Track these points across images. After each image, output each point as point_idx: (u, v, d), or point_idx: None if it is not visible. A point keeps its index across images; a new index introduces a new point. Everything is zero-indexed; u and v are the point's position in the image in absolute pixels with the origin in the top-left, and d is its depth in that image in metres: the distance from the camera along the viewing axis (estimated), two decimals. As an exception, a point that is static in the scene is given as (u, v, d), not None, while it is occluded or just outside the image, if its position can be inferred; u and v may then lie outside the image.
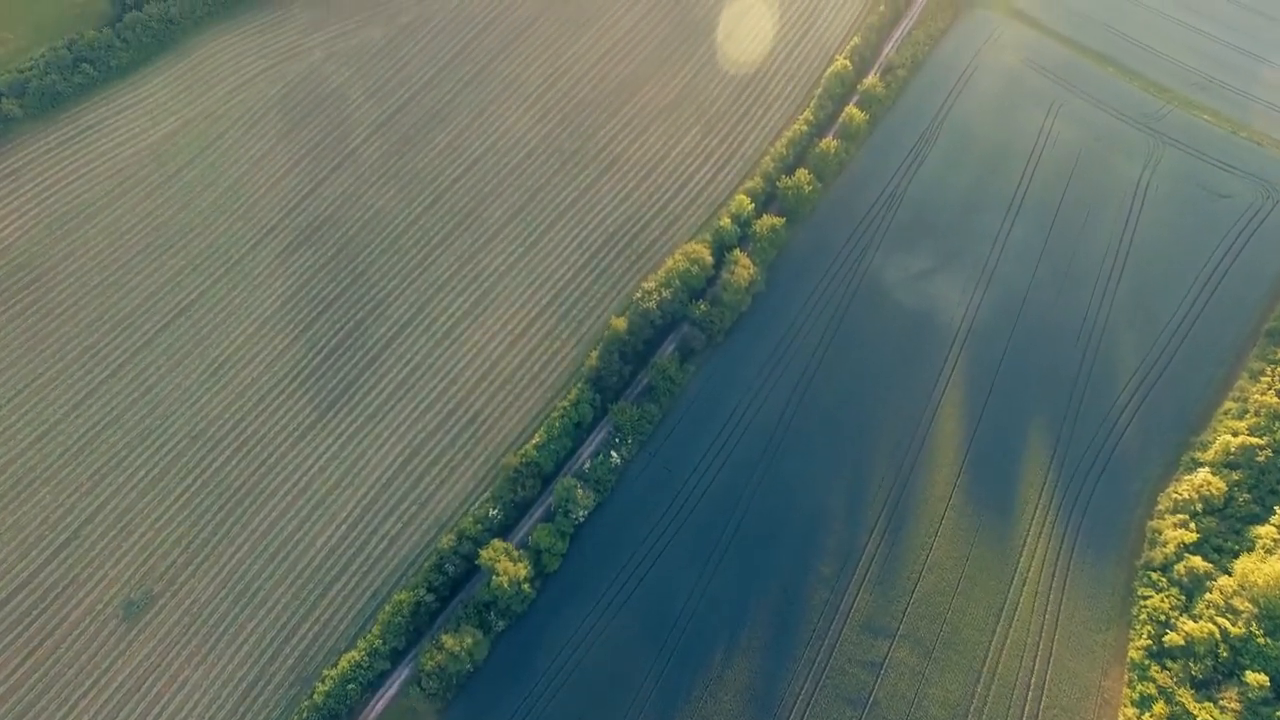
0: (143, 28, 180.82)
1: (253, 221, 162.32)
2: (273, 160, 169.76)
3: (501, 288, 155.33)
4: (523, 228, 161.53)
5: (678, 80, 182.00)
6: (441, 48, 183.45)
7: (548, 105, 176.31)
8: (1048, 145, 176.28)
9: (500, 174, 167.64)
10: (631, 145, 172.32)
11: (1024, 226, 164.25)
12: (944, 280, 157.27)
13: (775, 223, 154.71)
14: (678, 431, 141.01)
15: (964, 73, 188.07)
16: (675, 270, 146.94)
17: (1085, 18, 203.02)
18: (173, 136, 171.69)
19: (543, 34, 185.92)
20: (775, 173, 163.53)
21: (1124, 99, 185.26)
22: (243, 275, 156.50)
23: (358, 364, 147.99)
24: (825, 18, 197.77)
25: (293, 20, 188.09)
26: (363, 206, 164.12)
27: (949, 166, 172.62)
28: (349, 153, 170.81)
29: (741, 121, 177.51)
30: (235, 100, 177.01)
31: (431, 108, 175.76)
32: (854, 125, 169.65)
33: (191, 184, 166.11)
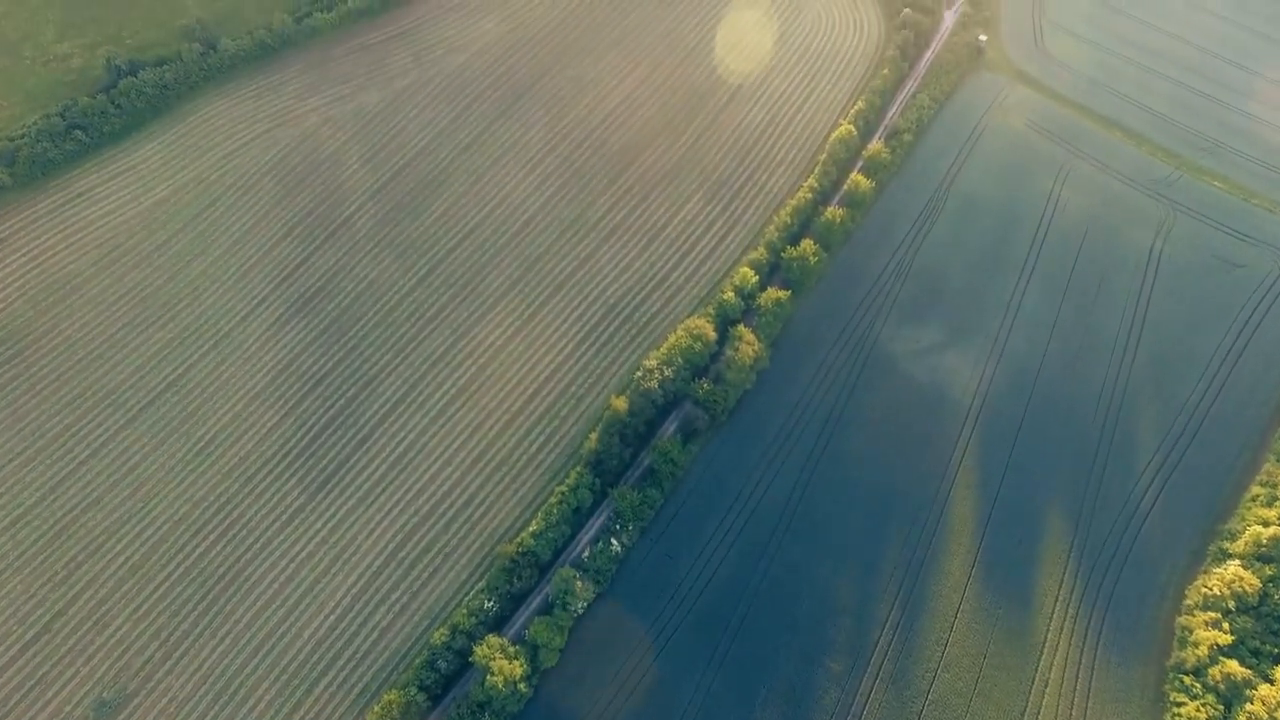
0: (137, 94, 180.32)
1: (244, 292, 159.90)
2: (265, 228, 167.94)
3: (498, 363, 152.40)
4: (520, 300, 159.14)
5: (679, 145, 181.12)
6: (439, 112, 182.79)
7: (546, 171, 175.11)
8: (1057, 212, 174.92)
9: (497, 243, 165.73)
10: (632, 213, 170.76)
11: (1035, 296, 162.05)
12: (954, 353, 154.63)
13: (780, 296, 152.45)
14: (680, 516, 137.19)
15: (970, 137, 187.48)
16: (677, 347, 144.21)
17: (1090, 80, 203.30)
18: (164, 204, 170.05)
19: (541, 98, 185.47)
20: (779, 243, 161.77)
21: (1132, 164, 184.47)
22: (232, 348, 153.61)
23: (349, 443, 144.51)
24: (828, 80, 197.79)
25: (288, 84, 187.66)
26: (356, 277, 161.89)
27: (957, 234, 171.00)
28: (343, 220, 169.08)
29: (744, 188, 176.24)
30: (228, 166, 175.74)
31: (428, 174, 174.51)
32: (860, 192, 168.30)
33: (182, 253, 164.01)
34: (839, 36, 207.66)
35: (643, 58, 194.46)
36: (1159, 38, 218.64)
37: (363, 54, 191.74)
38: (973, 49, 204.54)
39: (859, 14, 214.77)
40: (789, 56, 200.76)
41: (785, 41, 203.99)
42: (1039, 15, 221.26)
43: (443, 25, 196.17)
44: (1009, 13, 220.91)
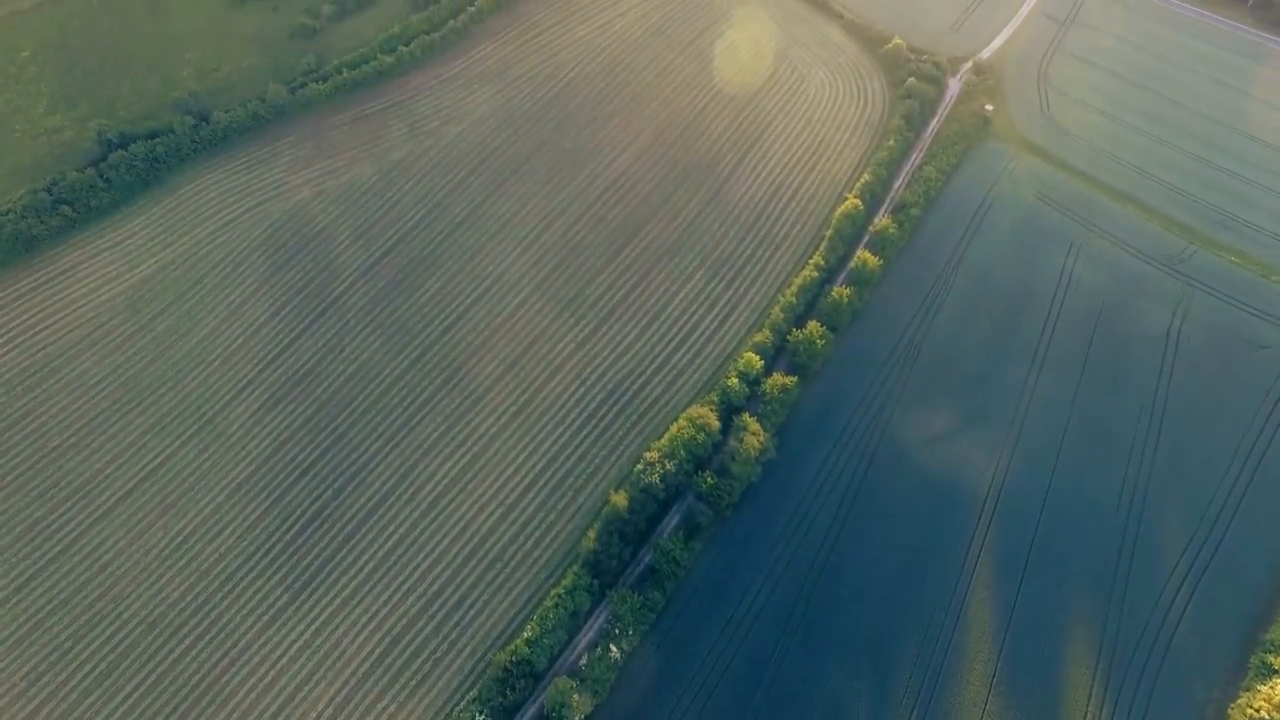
0: (127, 167, 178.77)
1: (228, 375, 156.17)
2: (253, 307, 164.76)
3: (492, 452, 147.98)
4: (516, 384, 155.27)
5: (680, 220, 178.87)
6: (433, 186, 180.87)
7: (543, 248, 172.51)
8: (1070, 289, 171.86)
9: (492, 324, 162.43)
10: (632, 292, 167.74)
11: (1050, 380, 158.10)
12: (968, 441, 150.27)
13: (786, 382, 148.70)
14: (683, 619, 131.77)
15: (978, 210, 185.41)
16: (679, 438, 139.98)
17: (1099, 151, 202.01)
18: (149, 281, 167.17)
19: (538, 172, 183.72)
20: (785, 324, 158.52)
21: (1146, 238, 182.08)
22: (215, 435, 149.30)
23: (335, 538, 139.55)
24: (833, 151, 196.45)
25: (281, 156, 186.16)
26: (346, 359, 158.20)
27: (967, 313, 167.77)
28: (334, 299, 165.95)
29: (748, 265, 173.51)
30: (217, 241, 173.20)
31: (421, 250, 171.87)
32: (867, 270, 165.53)
33: (165, 333, 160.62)
34: (843, 105, 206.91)
35: (642, 129, 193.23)
36: (1167, 107, 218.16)
37: (357, 125, 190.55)
38: (979, 118, 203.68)
39: (863, 82, 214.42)
40: (792, 126, 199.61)
41: (788, 111, 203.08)
42: (1044, 84, 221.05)
43: (439, 96, 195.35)
44: (1014, 81, 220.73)
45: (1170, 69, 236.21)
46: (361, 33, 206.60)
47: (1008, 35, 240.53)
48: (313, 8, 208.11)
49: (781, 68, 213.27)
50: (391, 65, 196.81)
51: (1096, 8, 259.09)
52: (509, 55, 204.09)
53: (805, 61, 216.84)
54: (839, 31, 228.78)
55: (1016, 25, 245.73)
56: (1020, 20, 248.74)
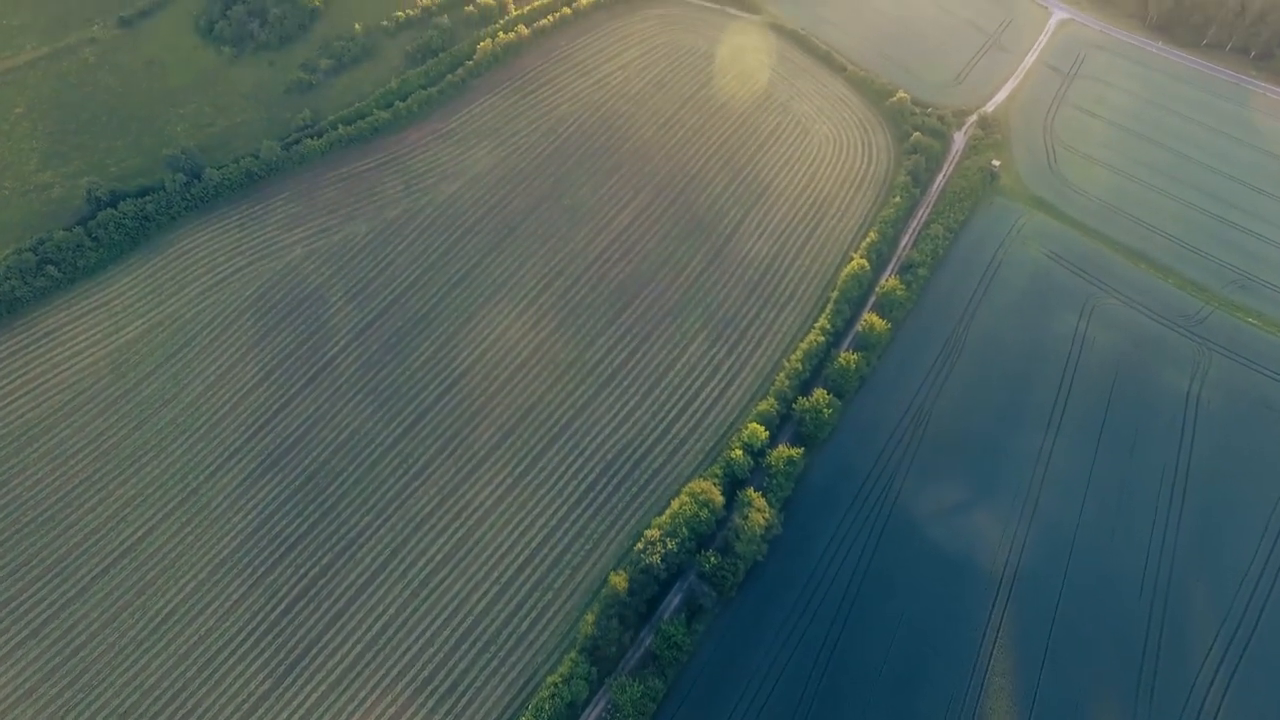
0: (116, 225, 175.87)
1: (215, 443, 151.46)
2: (241, 371, 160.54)
3: (487, 526, 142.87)
4: (512, 454, 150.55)
5: (681, 281, 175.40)
6: (429, 245, 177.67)
7: (542, 310, 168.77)
8: (1084, 352, 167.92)
9: (489, 390, 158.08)
10: (633, 356, 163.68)
11: (1066, 448, 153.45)
12: (982, 513, 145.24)
13: (792, 454, 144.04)
14: (686, 708, 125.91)
15: (988, 269, 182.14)
16: (682, 515, 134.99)
17: (1109, 207, 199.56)
18: (135, 344, 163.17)
19: (536, 230, 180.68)
20: (790, 392, 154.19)
21: (1160, 299, 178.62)
22: (199, 508, 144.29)
23: (323, 618, 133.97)
24: (838, 207, 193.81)
25: (274, 214, 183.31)
26: (337, 427, 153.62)
27: (979, 377, 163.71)
28: (325, 363, 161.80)
29: (752, 327, 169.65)
30: (206, 302, 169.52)
31: (416, 312, 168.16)
32: (874, 334, 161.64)
33: (150, 398, 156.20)
34: (848, 160, 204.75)
35: (643, 185, 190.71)
36: (1176, 161, 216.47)
37: (352, 182, 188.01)
38: (986, 174, 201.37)
39: (867, 136, 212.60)
40: (796, 182, 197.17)
41: (792, 166, 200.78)
42: (1051, 138, 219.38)
43: (435, 152, 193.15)
44: (1020, 135, 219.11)
45: (1176, 121, 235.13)
46: (358, 88, 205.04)
47: (1011, 88, 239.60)
48: (310, 63, 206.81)
49: (785, 121, 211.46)
50: (388, 121, 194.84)
51: (1098, 59, 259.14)
52: (507, 110, 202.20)
53: (808, 115, 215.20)
54: (842, 84, 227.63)
55: (1020, 77, 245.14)
56: (1023, 72, 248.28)
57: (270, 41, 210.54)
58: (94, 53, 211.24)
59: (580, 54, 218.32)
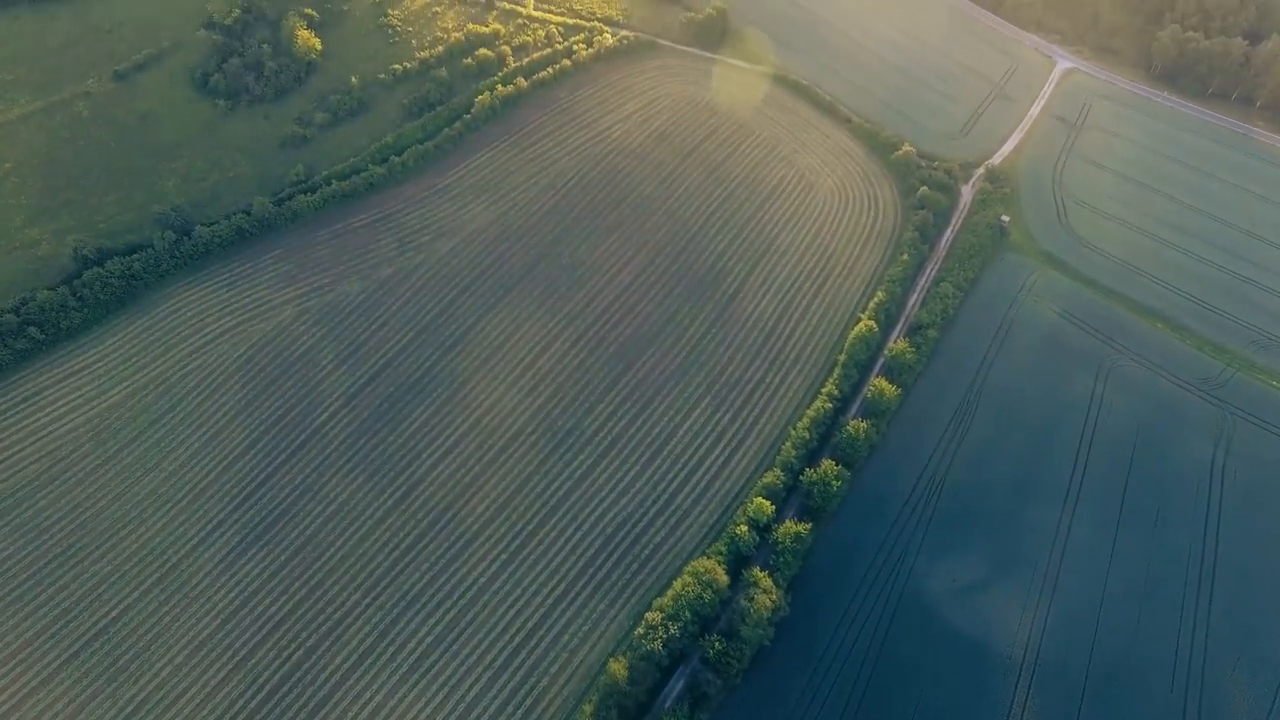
0: (102, 285, 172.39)
1: (197, 515, 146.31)
2: (228, 438, 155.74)
3: (481, 605, 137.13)
4: (508, 528, 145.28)
5: (683, 343, 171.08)
6: (423, 306, 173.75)
7: (539, 374, 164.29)
8: (1101, 417, 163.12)
9: (484, 459, 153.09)
10: (633, 423, 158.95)
11: (1086, 522, 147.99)
12: (1000, 593, 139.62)
13: (799, 530, 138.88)
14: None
15: (999, 330, 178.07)
16: (685, 596, 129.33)
17: (1123, 264, 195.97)
18: (119, 408, 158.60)
19: (534, 290, 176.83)
20: (797, 462, 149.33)
21: (1179, 360, 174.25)
22: (178, 585, 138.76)
23: (305, 706, 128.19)
24: (844, 265, 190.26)
25: (264, 272, 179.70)
26: (325, 498, 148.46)
27: (992, 445, 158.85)
28: (314, 430, 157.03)
29: (756, 392, 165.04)
30: (193, 365, 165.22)
31: (409, 376, 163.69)
32: (884, 400, 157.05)
33: (132, 467, 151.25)
34: (853, 215, 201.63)
35: (644, 243, 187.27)
36: (1188, 214, 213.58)
37: (345, 239, 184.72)
38: (995, 229, 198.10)
39: (873, 190, 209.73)
40: (801, 238, 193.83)
41: (796, 222, 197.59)
42: (1061, 191, 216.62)
43: (430, 208, 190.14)
44: (1029, 188, 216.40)
45: (1186, 173, 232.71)
46: (354, 141, 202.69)
47: (1018, 139, 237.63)
48: (305, 116, 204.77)
49: (788, 175, 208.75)
50: (383, 177, 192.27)
51: (1104, 109, 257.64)
52: (505, 164, 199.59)
53: (813, 168, 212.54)
54: (846, 136, 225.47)
55: (1026, 128, 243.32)
56: (1029, 123, 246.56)
57: (265, 94, 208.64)
58: (88, 106, 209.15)
59: (580, 107, 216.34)
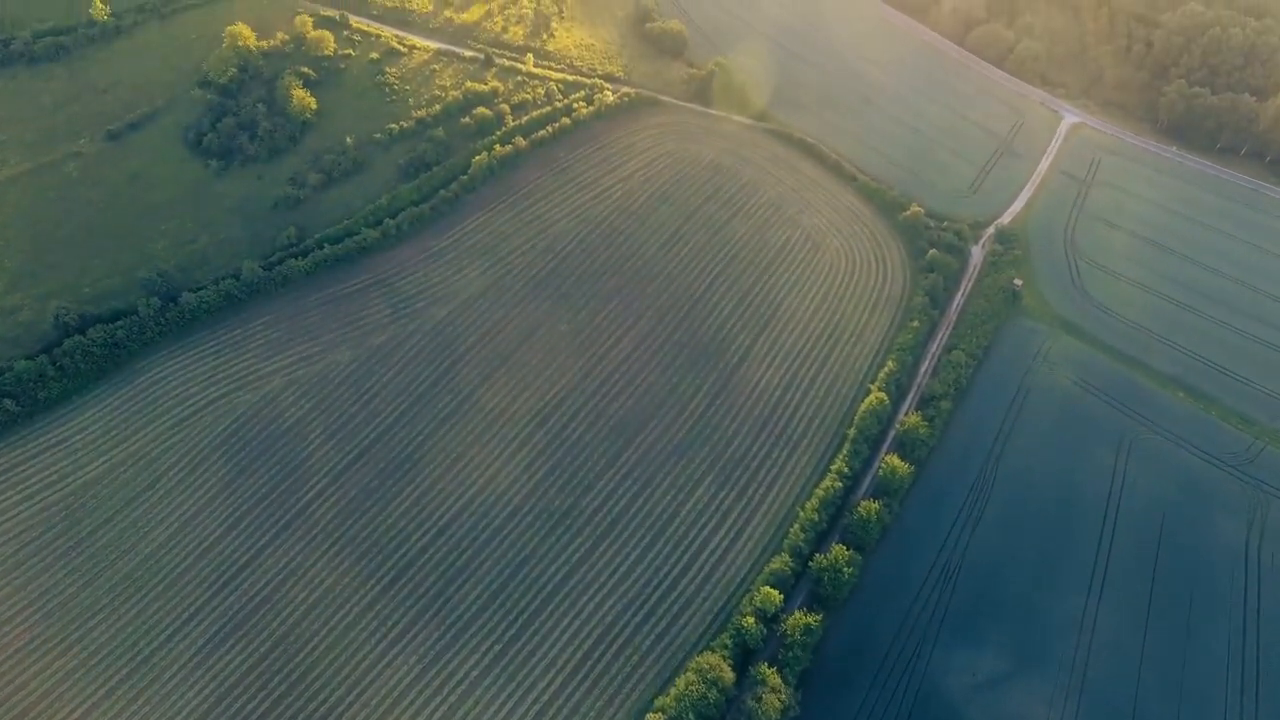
0: (83, 353, 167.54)
1: (173, 602, 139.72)
2: (209, 518, 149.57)
3: (473, 702, 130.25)
4: (501, 616, 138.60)
5: (686, 416, 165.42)
6: (416, 375, 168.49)
7: (536, 449, 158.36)
8: (1125, 496, 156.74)
9: (477, 542, 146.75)
10: (634, 501, 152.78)
11: (1113, 612, 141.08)
12: (1024, 690, 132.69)
13: (810, 621, 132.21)
14: None
15: (1014, 400, 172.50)
16: (688, 696, 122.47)
17: (1140, 328, 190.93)
18: (95, 485, 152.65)
19: (532, 360, 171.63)
20: (805, 546, 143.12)
21: (1204, 433, 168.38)
22: (150, 679, 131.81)
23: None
24: (852, 331, 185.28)
25: (253, 339, 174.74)
26: (309, 583, 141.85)
27: (1010, 525, 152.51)
28: (300, 510, 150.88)
29: (762, 468, 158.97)
30: (175, 438, 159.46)
31: (400, 452, 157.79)
32: (896, 478, 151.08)
33: (105, 550, 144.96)
34: (861, 278, 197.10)
35: (646, 309, 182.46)
36: (1210, 277, 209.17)
37: (336, 304, 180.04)
38: (1007, 293, 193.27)
39: (881, 251, 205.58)
40: (807, 303, 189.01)
41: (802, 285, 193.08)
42: (1073, 252, 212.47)
43: (425, 272, 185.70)
44: (1041, 249, 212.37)
45: (1199, 231, 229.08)
46: (348, 203, 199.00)
47: (1028, 196, 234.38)
48: (299, 176, 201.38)
49: (794, 236, 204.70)
50: (376, 239, 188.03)
51: (1113, 165, 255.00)
52: (503, 226, 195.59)
53: (819, 229, 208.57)
54: (853, 195, 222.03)
55: (1035, 185, 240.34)
56: (1038, 179, 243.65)
57: (259, 154, 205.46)
58: (78, 167, 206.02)
59: (580, 166, 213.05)
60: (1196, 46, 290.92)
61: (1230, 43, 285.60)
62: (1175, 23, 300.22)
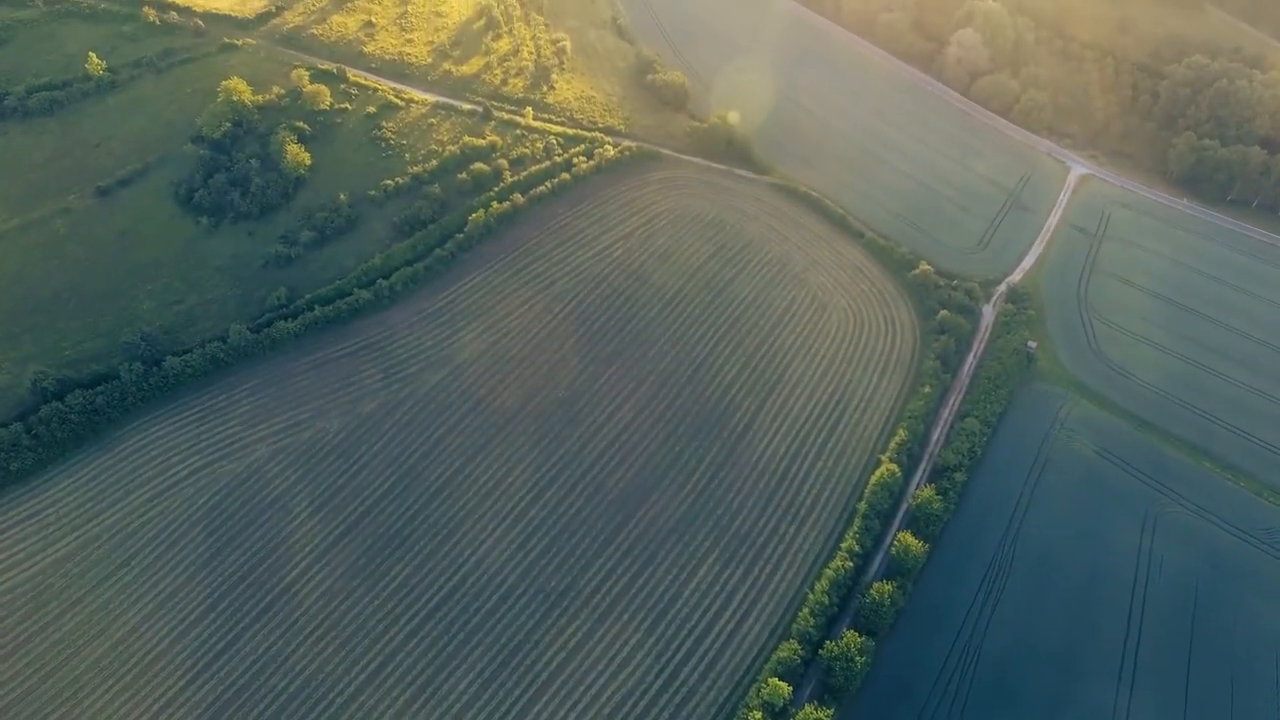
0: (60, 421, 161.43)
1: (142, 695, 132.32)
2: (186, 599, 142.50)
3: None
4: (494, 708, 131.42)
5: (690, 488, 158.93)
6: (408, 445, 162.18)
7: (531, 525, 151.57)
8: (1153, 575, 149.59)
9: (468, 625, 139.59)
10: (634, 582, 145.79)
11: (1147, 704, 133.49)
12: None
13: (820, 716, 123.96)
14: None
15: (1031, 471, 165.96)
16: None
17: (1160, 393, 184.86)
18: (66, 563, 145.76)
19: (528, 429, 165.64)
20: (815, 632, 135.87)
21: (1234, 506, 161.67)
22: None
23: None
24: (861, 397, 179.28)
25: (239, 405, 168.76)
26: (290, 672, 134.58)
27: (1032, 608, 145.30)
28: (283, 590, 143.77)
29: (769, 545, 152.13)
30: (154, 511, 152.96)
31: (390, 528, 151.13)
32: (910, 556, 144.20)
33: (72, 635, 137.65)
34: (869, 340, 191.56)
35: (646, 374, 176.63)
36: (1229, 337, 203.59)
37: (326, 369, 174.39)
38: (1021, 356, 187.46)
39: (890, 312, 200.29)
40: (814, 367, 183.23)
41: (809, 348, 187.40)
42: (1088, 311, 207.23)
43: (419, 336, 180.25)
44: (1054, 308, 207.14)
45: (1216, 287, 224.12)
46: (340, 262, 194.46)
47: (1038, 252, 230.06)
48: (291, 234, 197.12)
49: (800, 296, 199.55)
50: (369, 301, 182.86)
51: (1124, 219, 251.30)
52: (499, 287, 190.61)
53: (825, 288, 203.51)
54: (859, 252, 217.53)
55: (1046, 240, 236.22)
56: (1049, 233, 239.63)
57: (251, 211, 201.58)
58: (65, 224, 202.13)
59: (579, 223, 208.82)
60: (1204, 99, 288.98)
61: (1238, 95, 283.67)
62: (1181, 74, 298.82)
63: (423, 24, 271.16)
